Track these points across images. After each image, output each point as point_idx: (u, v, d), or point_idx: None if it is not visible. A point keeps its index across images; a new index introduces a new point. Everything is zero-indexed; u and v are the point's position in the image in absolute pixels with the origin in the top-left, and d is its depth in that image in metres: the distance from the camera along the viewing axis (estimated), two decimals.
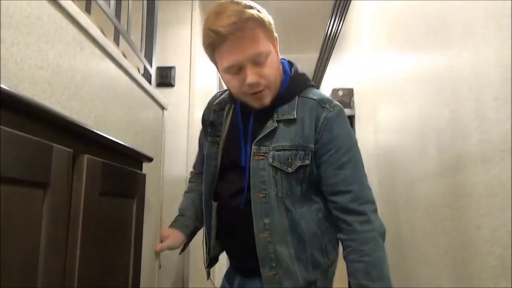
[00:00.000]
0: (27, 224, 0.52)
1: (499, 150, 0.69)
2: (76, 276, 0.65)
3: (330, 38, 2.57)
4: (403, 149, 1.20)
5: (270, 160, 0.95)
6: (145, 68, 1.29)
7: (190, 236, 1.17)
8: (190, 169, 1.84)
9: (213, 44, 0.91)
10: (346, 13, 2.17)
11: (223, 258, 1.42)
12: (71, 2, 0.72)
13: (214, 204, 1.06)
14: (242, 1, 0.91)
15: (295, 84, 1.01)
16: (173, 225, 1.16)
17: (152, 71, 1.31)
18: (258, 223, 0.95)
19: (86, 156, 0.68)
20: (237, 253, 1.08)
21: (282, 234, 0.96)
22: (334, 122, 0.95)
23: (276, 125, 0.96)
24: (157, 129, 1.26)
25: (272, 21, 0.95)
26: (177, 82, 1.91)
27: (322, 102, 0.97)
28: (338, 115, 0.97)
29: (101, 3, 0.94)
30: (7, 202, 0.48)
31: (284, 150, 0.96)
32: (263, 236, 0.95)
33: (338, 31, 2.38)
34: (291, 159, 0.96)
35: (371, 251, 0.90)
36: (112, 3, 1.01)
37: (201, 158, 1.17)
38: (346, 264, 0.92)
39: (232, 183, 1.03)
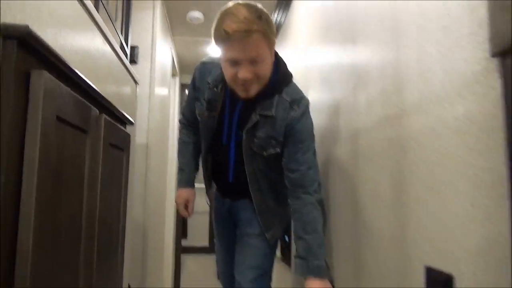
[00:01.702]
0: (80, 152, 0.82)
1: (393, 117, 1.09)
2: (98, 199, 0.95)
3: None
4: (327, 125, 1.60)
5: (251, 145, 1.32)
6: (122, 46, 1.54)
7: (193, 184, 1.62)
8: (150, 136, 2.12)
9: (220, 39, 1.14)
10: (289, 7, 2.51)
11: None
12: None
13: (210, 158, 1.48)
14: (256, 7, 1.13)
15: (278, 84, 1.30)
16: (182, 184, 1.58)
17: (128, 50, 1.56)
18: (253, 187, 1.39)
19: (104, 116, 0.96)
20: (229, 194, 1.55)
21: (268, 192, 1.42)
22: (298, 120, 1.30)
23: (258, 118, 1.29)
24: (133, 101, 1.53)
25: (274, 30, 1.20)
26: (140, 60, 2.15)
27: (292, 104, 1.30)
28: (302, 114, 1.30)
29: None
30: (69, 137, 0.77)
31: (261, 139, 1.32)
32: (258, 196, 1.41)
33: (282, 24, 2.73)
34: (265, 147, 1.33)
35: (308, 212, 1.30)
36: None
37: (190, 110, 1.49)
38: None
39: (220, 156, 1.43)
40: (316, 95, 1.75)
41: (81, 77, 0.81)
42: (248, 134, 1.32)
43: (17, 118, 0.59)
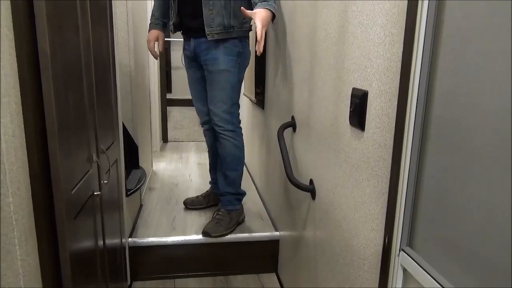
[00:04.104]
0: None
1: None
2: (90, 32, 1.12)
3: None
4: None
5: None
6: None
7: (163, 28, 2.03)
8: None
9: None
10: None
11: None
12: None
13: None
14: None
15: None
16: (152, 26, 2.02)
17: None
18: None
19: None
20: (191, 26, 1.89)
21: None
22: None
23: None
24: None
25: None
26: None
27: None
28: None
29: None
30: None
31: None
32: None
33: None
34: None
35: None
36: None
37: None
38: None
39: None
40: None
41: None
42: None
43: None
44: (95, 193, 1.17)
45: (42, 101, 0.86)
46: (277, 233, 2.17)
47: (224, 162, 2.07)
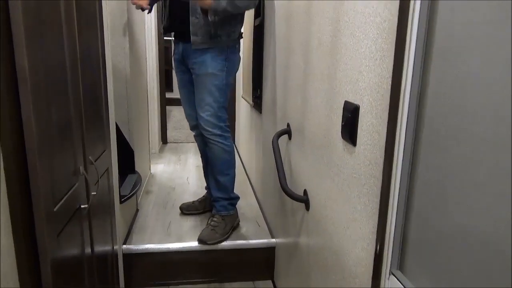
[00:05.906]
0: None
1: None
2: (77, 39, 1.09)
3: None
4: None
5: None
6: None
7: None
8: None
9: None
10: None
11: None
12: None
13: None
14: None
15: None
16: None
17: None
18: None
19: None
20: (180, 17, 1.86)
21: None
22: None
23: None
24: None
25: None
26: None
27: None
28: None
29: None
30: None
31: None
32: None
33: None
34: None
35: None
36: None
37: None
38: None
39: None
40: None
41: None
42: None
43: None
44: (82, 206, 1.15)
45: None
46: (273, 240, 2.14)
47: (214, 166, 2.05)
